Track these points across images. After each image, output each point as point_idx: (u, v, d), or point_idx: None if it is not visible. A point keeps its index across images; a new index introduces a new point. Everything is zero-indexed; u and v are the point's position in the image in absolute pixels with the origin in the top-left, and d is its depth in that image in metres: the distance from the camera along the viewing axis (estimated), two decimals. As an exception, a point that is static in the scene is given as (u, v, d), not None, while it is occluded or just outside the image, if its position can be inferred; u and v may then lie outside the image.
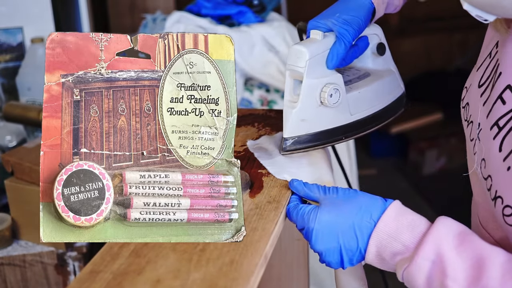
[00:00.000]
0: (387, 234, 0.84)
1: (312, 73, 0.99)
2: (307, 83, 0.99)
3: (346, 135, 1.05)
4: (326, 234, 0.86)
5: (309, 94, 0.99)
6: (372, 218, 0.85)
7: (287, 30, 2.12)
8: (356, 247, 0.86)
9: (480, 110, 0.87)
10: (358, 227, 0.85)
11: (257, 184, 0.98)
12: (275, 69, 2.07)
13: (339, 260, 0.87)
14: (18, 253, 1.46)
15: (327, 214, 0.87)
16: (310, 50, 0.98)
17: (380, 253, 0.85)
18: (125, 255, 0.81)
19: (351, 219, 0.86)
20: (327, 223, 0.87)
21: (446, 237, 0.80)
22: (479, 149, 0.87)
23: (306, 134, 1.01)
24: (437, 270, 0.79)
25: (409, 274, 0.82)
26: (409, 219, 0.84)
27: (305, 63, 0.98)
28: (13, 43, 1.99)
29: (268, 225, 0.88)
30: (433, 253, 0.79)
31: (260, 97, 2.08)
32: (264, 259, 0.81)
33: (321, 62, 1.00)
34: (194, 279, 0.76)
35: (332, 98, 1.00)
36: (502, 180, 0.80)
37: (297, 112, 1.00)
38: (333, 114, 1.02)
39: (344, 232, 0.86)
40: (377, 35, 1.11)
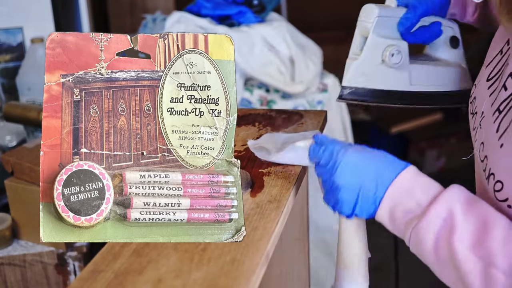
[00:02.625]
0: (403, 190, 0.85)
1: (378, 31, 1.05)
2: (372, 39, 1.05)
3: (402, 102, 1.09)
4: (351, 171, 0.88)
5: (372, 50, 1.05)
6: (394, 169, 0.87)
7: (287, 30, 2.12)
8: (373, 193, 0.87)
9: (486, 100, 0.90)
10: (380, 174, 0.87)
11: (258, 184, 0.98)
12: (275, 69, 2.07)
13: (354, 201, 0.88)
14: (18, 253, 1.46)
15: (356, 153, 0.89)
16: (380, 9, 1.05)
17: (392, 211, 0.86)
18: (126, 254, 0.81)
19: (376, 165, 0.88)
20: (355, 160, 0.89)
21: (459, 199, 0.82)
22: (479, 134, 0.90)
23: (364, 88, 1.06)
24: (446, 228, 0.81)
25: (418, 232, 0.83)
26: (424, 180, 0.86)
27: (373, 19, 1.05)
28: (13, 43, 1.99)
29: (269, 224, 0.88)
30: (445, 212, 0.81)
31: (260, 97, 2.08)
32: (265, 258, 0.81)
33: (389, 25, 1.06)
34: (195, 278, 0.76)
35: (393, 58, 1.05)
36: (495, 157, 0.84)
37: (358, 64, 1.05)
38: (393, 76, 1.07)
39: (367, 175, 0.87)
40: (453, 28, 1.14)
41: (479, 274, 0.78)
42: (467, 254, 0.78)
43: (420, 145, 3.65)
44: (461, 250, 0.79)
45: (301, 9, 3.36)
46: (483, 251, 0.78)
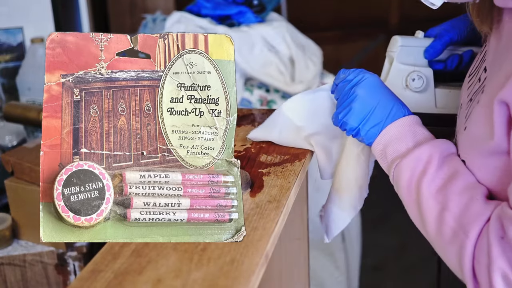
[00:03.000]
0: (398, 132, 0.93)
1: (402, 59, 1.13)
2: (395, 66, 1.13)
3: (428, 123, 1.12)
4: (374, 87, 0.96)
5: (396, 76, 1.13)
6: (403, 111, 0.95)
7: (287, 30, 2.12)
8: (383, 119, 0.94)
9: (464, 93, 0.98)
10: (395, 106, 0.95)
11: (258, 184, 0.98)
12: (275, 69, 2.07)
13: (364, 115, 0.95)
14: (18, 253, 1.46)
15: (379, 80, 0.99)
16: (403, 39, 1.14)
17: (385, 147, 0.94)
18: (126, 254, 0.81)
19: (394, 98, 0.97)
20: (378, 83, 0.97)
21: (441, 150, 0.90)
22: (457, 123, 0.98)
23: None
24: (421, 169, 0.89)
25: (399, 170, 0.91)
26: (420, 130, 0.94)
27: (396, 48, 1.13)
28: (13, 43, 1.99)
29: (269, 224, 0.88)
30: (424, 155, 0.89)
31: (260, 97, 2.08)
32: (264, 258, 0.81)
33: (414, 53, 1.14)
34: (195, 278, 0.76)
35: (414, 83, 1.12)
36: (461, 139, 0.92)
37: None
38: (417, 100, 1.13)
39: (386, 98, 0.96)
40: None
41: (434, 214, 0.86)
42: (430, 195, 0.86)
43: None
44: (426, 191, 0.87)
45: (301, 9, 3.36)
46: (442, 197, 0.85)
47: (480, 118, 0.86)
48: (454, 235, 0.82)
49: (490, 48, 0.93)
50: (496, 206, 0.81)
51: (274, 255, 0.92)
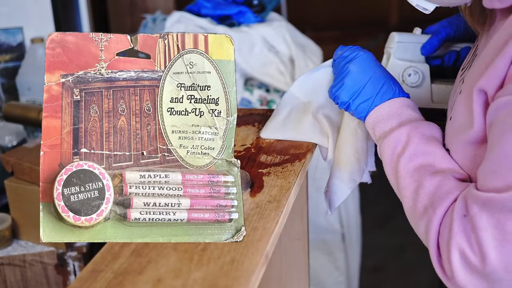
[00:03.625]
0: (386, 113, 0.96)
1: (399, 55, 1.16)
2: (392, 62, 1.16)
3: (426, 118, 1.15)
4: (366, 64, 0.99)
5: (393, 71, 1.15)
6: (397, 88, 0.98)
7: (287, 30, 2.12)
8: (374, 94, 0.98)
9: (455, 84, 1.00)
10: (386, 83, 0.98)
11: (258, 184, 0.98)
12: (275, 69, 2.07)
13: (355, 90, 0.98)
14: (18, 253, 1.46)
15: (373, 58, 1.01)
16: (400, 35, 1.16)
17: (374, 126, 0.97)
18: (126, 254, 0.81)
19: (386, 76, 0.99)
20: (371, 60, 1.00)
21: (424, 131, 0.93)
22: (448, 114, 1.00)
23: None
24: (400, 149, 0.92)
25: (382, 148, 0.95)
26: (409, 112, 0.96)
27: (394, 44, 1.16)
28: (13, 43, 1.99)
29: (269, 224, 0.88)
30: (404, 135, 0.93)
31: (260, 97, 2.08)
32: (264, 258, 0.81)
33: (411, 49, 1.16)
34: (195, 278, 0.76)
35: (410, 78, 1.15)
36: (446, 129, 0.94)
37: None
38: (413, 95, 1.14)
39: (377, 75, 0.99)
40: None
41: (410, 190, 0.89)
42: (407, 173, 0.90)
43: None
44: (403, 169, 0.91)
45: (301, 9, 3.36)
46: (419, 175, 0.89)
47: (461, 107, 0.89)
48: (424, 211, 0.86)
49: (480, 43, 0.95)
50: (466, 187, 0.84)
51: (274, 255, 0.92)
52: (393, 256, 2.68)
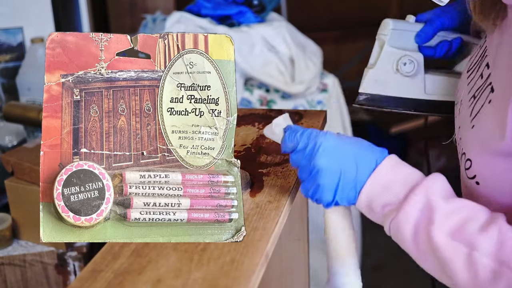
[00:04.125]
0: (381, 184, 0.85)
1: (393, 43, 1.11)
2: (386, 49, 1.11)
3: (416, 109, 1.14)
4: (331, 152, 0.86)
5: (387, 59, 1.12)
6: (374, 154, 0.87)
7: (287, 30, 2.12)
8: (354, 177, 0.86)
9: (464, 89, 0.96)
10: (360, 157, 0.86)
11: (258, 184, 0.98)
12: (275, 69, 2.07)
13: (335, 185, 0.86)
14: (18, 253, 1.46)
15: (335, 137, 0.88)
16: (394, 22, 1.12)
17: (370, 203, 0.86)
18: (126, 254, 0.81)
19: (355, 148, 0.87)
20: (335, 143, 0.87)
21: (437, 190, 0.82)
22: (458, 120, 0.96)
23: (379, 94, 1.12)
24: (424, 218, 0.81)
25: (396, 224, 0.83)
26: (404, 172, 0.85)
27: (388, 31, 1.11)
28: (13, 43, 1.99)
29: (269, 224, 0.88)
30: (422, 202, 0.81)
31: (260, 97, 2.08)
32: (264, 258, 0.81)
33: (405, 37, 1.12)
34: (195, 278, 0.76)
35: (405, 67, 1.11)
36: (467, 137, 0.90)
37: (372, 72, 1.11)
38: (407, 84, 1.12)
39: (347, 157, 0.86)
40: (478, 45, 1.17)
41: (462, 260, 0.78)
42: (448, 241, 0.79)
43: (420, 145, 3.65)
44: (441, 238, 0.79)
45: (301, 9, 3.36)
46: (464, 237, 0.78)
47: (490, 117, 0.84)
48: (495, 275, 0.76)
49: (492, 43, 0.92)
50: None
51: (274, 255, 0.92)
52: (393, 256, 2.68)
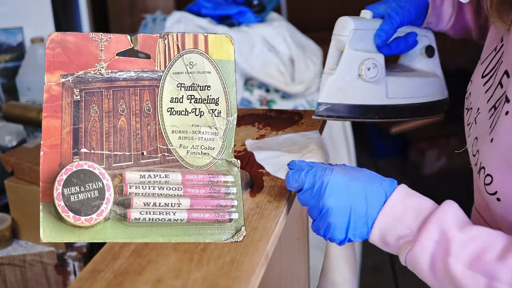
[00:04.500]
0: (393, 217, 0.83)
1: (354, 45, 1.02)
2: (348, 53, 1.02)
3: (379, 116, 1.06)
4: (340, 191, 0.84)
5: (349, 64, 1.02)
6: (383, 187, 0.84)
7: (287, 30, 2.12)
8: (364, 213, 0.84)
9: (481, 97, 0.90)
10: (369, 192, 0.84)
11: (258, 184, 0.98)
12: (275, 69, 2.07)
13: (346, 223, 0.84)
14: (18, 253, 1.46)
15: (341, 174, 0.86)
16: (355, 22, 1.02)
17: (383, 236, 0.84)
18: (126, 254, 0.81)
19: (363, 183, 0.85)
20: (342, 180, 0.85)
21: (451, 219, 0.80)
22: (474, 130, 0.90)
23: (340, 103, 1.03)
24: (440, 250, 0.79)
25: (413, 257, 0.81)
26: (415, 202, 0.83)
27: (349, 32, 1.02)
28: (13, 43, 1.99)
29: (269, 224, 0.88)
30: (437, 233, 0.80)
31: (260, 97, 2.08)
32: (265, 258, 0.81)
33: (365, 38, 1.03)
34: (195, 278, 0.76)
35: (369, 72, 1.03)
36: (486, 151, 0.84)
37: (334, 79, 1.02)
38: (369, 90, 1.04)
39: (356, 194, 0.84)
40: (428, 37, 1.14)
41: None
42: (466, 272, 0.77)
43: (420, 145, 3.65)
44: (459, 269, 0.77)
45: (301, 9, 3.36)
46: (483, 267, 0.76)
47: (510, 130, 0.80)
48: None
49: (508, 48, 0.87)
50: None
51: (274, 255, 0.92)
52: (393, 256, 2.68)
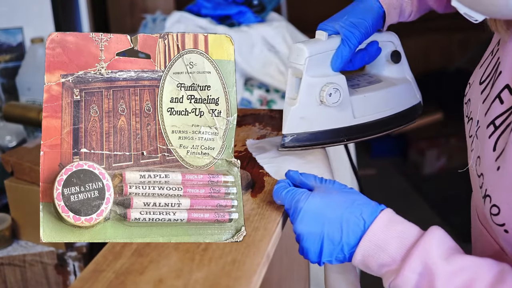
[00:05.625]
0: (375, 244, 0.81)
1: (312, 72, 0.99)
2: (306, 81, 0.99)
3: (349, 138, 1.04)
4: (312, 217, 0.83)
5: (309, 92, 0.99)
6: (362, 216, 0.82)
7: (287, 30, 2.12)
8: (339, 241, 0.82)
9: (479, 107, 0.87)
10: (346, 221, 0.82)
11: (259, 184, 0.98)
12: (275, 69, 2.07)
13: (318, 249, 0.83)
14: (18, 253, 1.46)
15: (318, 198, 0.85)
16: (309, 48, 0.98)
17: (366, 262, 0.82)
18: (127, 254, 0.81)
19: (341, 211, 0.83)
20: (317, 206, 0.84)
21: (436, 249, 0.77)
22: (476, 146, 0.86)
23: (306, 132, 1.01)
24: (424, 283, 0.76)
25: (396, 287, 0.79)
26: (399, 230, 0.81)
27: (304, 60, 0.98)
28: (13, 43, 1.99)
29: (270, 224, 0.87)
30: (420, 266, 0.77)
31: (260, 97, 2.08)
32: (266, 258, 0.81)
33: (323, 62, 1.00)
34: (196, 278, 0.76)
35: (331, 98, 0.99)
36: (492, 179, 0.80)
37: (295, 109, 1.00)
38: (334, 114, 1.01)
39: (330, 221, 0.83)
40: (392, 42, 1.11)
41: None
42: None
43: (420, 145, 3.65)
44: None
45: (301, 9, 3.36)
46: None
47: None
48: None
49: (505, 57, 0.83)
50: None
51: (275, 256, 0.92)
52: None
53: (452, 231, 1.04)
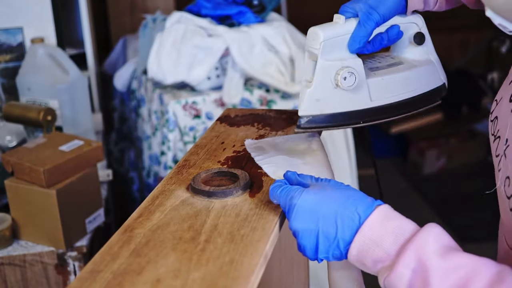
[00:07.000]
0: (370, 239, 0.79)
1: (327, 55, 1.01)
2: (322, 64, 1.01)
3: (365, 120, 1.05)
4: (306, 213, 0.83)
5: (324, 76, 1.01)
6: (357, 211, 0.80)
7: (287, 30, 2.12)
8: (334, 236, 0.81)
9: (509, 126, 0.84)
10: (340, 216, 0.81)
11: (257, 184, 0.98)
12: (275, 69, 2.07)
13: (314, 245, 0.82)
14: (18, 253, 1.46)
15: (312, 194, 0.84)
16: (325, 32, 1.00)
17: (361, 258, 0.80)
18: (125, 254, 0.81)
19: (336, 206, 0.82)
20: (311, 203, 0.83)
21: (431, 245, 0.75)
22: (504, 166, 0.82)
23: (321, 114, 1.03)
24: (418, 279, 0.75)
25: (390, 284, 0.77)
26: (394, 225, 0.79)
27: (319, 44, 1.00)
28: (13, 43, 1.99)
29: (268, 224, 0.88)
30: (414, 262, 0.75)
31: (260, 97, 2.08)
32: (264, 258, 0.81)
33: (339, 45, 1.01)
34: (194, 278, 0.76)
35: (346, 81, 1.01)
36: None
37: (311, 92, 1.02)
38: (350, 97, 1.03)
39: (325, 217, 0.82)
40: (416, 24, 1.10)
41: None
42: None
43: (420, 145, 3.65)
44: None
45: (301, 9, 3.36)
46: None
47: None
48: None
49: None
50: None
51: (274, 256, 0.92)
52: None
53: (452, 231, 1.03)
